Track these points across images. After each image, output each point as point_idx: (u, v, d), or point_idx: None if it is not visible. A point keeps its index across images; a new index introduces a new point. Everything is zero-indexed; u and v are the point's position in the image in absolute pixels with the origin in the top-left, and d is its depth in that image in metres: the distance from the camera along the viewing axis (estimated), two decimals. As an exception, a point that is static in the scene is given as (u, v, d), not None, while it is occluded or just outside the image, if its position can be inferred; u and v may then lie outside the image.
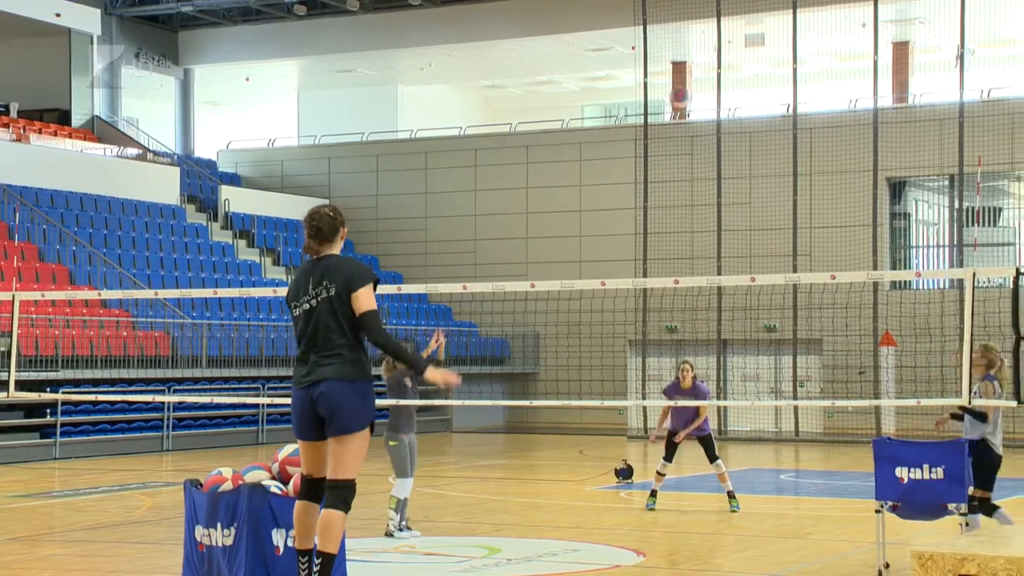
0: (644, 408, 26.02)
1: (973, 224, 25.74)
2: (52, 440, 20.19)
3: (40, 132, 28.52)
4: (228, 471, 7.17)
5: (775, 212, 26.43)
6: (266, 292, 14.55)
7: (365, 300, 6.57)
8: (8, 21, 28.22)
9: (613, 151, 29.18)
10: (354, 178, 32.13)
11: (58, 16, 28.99)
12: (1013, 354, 9.54)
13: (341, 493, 6.51)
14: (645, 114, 27.47)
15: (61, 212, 25.54)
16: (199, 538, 6.92)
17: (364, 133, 32.55)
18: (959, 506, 9.20)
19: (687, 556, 11.13)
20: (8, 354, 12.28)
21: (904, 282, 26.45)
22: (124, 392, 20.26)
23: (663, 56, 28.75)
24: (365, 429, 6.58)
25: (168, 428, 21.87)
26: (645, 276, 25.79)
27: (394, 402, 11.26)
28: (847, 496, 15.75)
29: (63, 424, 20.31)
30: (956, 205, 25.82)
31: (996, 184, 27.05)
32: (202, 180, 30.78)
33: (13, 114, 28.89)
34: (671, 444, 13.51)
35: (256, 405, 22.71)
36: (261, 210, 30.52)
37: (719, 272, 25.60)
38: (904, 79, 28.28)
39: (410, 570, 10.08)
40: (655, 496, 13.58)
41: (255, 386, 23.42)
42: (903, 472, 9.31)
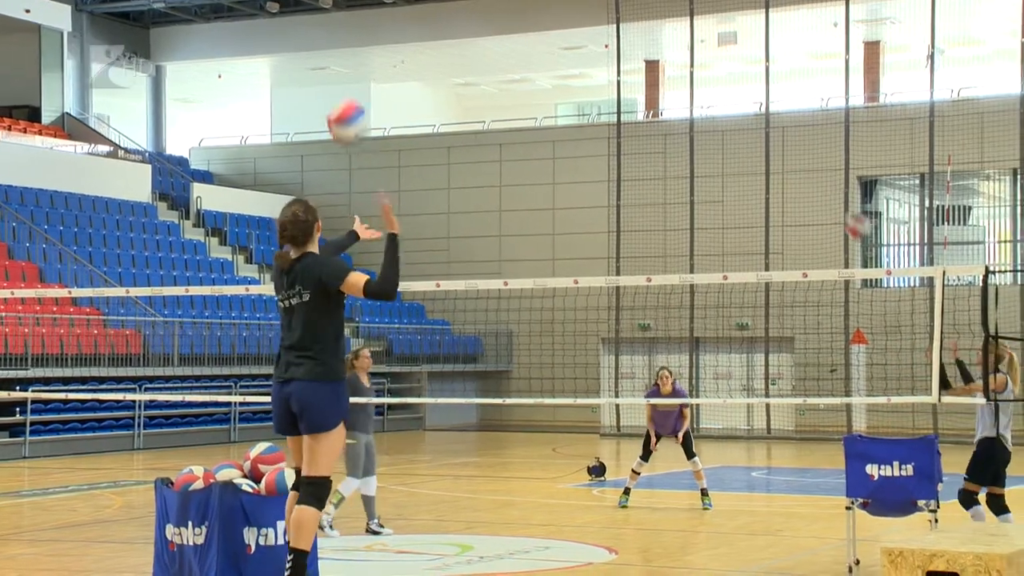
0: (617, 406, 26.07)
1: (943, 223, 25.92)
2: (22, 439, 20.03)
3: (10, 129, 28.31)
4: (200, 469, 7.14)
5: (747, 210, 26.53)
6: (238, 290, 14.50)
7: (355, 282, 6.67)
8: (-23, 17, 28.04)
9: (586, 149, 29.22)
10: (327, 176, 32.05)
11: (28, 12, 28.78)
12: (982, 351, 9.60)
13: (314, 490, 6.56)
14: (618, 112, 27.52)
15: (31, 210, 25.37)
16: (170, 537, 6.89)
17: (337, 131, 32.41)
18: (929, 503, 9.26)
19: (659, 553, 11.16)
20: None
21: (875, 280, 26.60)
22: (95, 390, 20.14)
23: (636, 54, 28.79)
24: (337, 428, 6.63)
25: (139, 427, 21.76)
26: (618, 274, 25.82)
27: (354, 400, 11.26)
28: (818, 493, 15.82)
29: (33, 423, 20.17)
30: (926, 204, 25.99)
31: (966, 183, 27.24)
32: (174, 178, 30.63)
33: (-17, 111, 28.72)
34: (649, 443, 13.55)
35: (228, 403, 22.62)
36: (233, 208, 30.39)
37: (692, 270, 25.67)
38: (875, 78, 28.45)
39: (383, 568, 10.07)
40: (628, 494, 13.62)
41: (227, 384, 23.33)
42: (873, 469, 9.36)
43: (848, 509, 9.46)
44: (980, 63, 29.34)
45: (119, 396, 19.91)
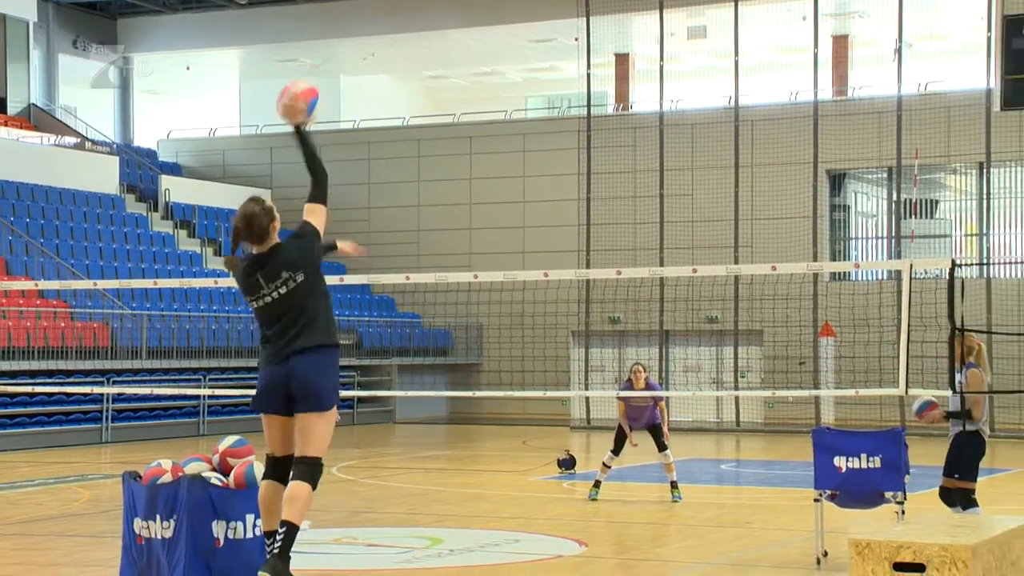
0: (587, 399, 26.12)
1: (910, 216, 26.10)
2: (-12, 433, 19.91)
3: (-25, 120, 28.08)
4: (168, 463, 7.10)
5: (717, 204, 26.63)
6: (207, 283, 14.44)
7: (317, 213, 6.76)
8: (-58, 7, 27.76)
9: (556, 142, 29.23)
10: (296, 168, 31.52)
11: (-7, 2, 28.54)
12: (948, 344, 9.65)
13: (309, 469, 6.50)
14: (588, 105, 27.55)
15: (-3, 201, 25.17)
16: (138, 531, 6.86)
17: (306, 123, 32.29)
18: (896, 494, 9.33)
19: (629, 546, 11.20)
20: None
21: (843, 273, 26.76)
22: (62, 384, 20.00)
23: (606, 48, 28.82)
24: (334, 407, 6.63)
25: (107, 420, 21.63)
26: (588, 267, 25.87)
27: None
28: (786, 485, 15.91)
29: (-1, 416, 20.05)
30: (894, 197, 26.16)
31: (933, 177, 27.43)
32: (142, 169, 30.44)
33: (-53, 102, 28.45)
34: (621, 437, 13.58)
35: (197, 396, 22.51)
36: (202, 200, 30.23)
37: (661, 263, 25.74)
38: (843, 72, 28.60)
39: (352, 561, 10.05)
40: (598, 486, 13.64)
41: (196, 377, 23.23)
42: (841, 461, 9.43)
43: (816, 501, 9.52)
44: (947, 57, 29.55)
45: (87, 389, 19.79)
